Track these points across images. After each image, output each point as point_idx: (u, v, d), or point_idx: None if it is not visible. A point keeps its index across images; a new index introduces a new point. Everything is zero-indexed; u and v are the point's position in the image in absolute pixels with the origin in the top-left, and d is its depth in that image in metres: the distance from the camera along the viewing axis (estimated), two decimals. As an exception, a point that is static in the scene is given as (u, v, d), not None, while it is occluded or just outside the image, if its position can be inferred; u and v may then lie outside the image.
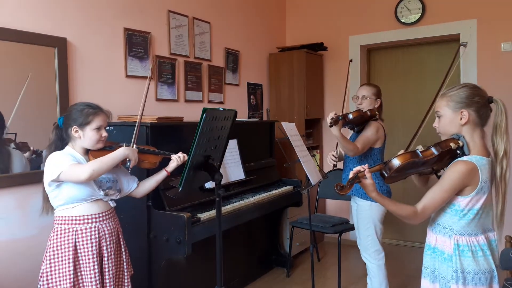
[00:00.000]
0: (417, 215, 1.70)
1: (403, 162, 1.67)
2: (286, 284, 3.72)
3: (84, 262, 2.01)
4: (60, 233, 2.01)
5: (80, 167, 1.95)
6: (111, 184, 2.13)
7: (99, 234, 2.05)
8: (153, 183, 2.33)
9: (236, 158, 3.37)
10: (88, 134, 2.05)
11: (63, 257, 1.99)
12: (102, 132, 2.09)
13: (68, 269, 1.98)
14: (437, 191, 1.69)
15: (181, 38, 3.59)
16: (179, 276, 2.97)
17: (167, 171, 2.32)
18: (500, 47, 3.96)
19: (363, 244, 2.99)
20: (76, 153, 2.07)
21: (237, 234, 3.52)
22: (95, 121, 2.05)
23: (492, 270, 1.69)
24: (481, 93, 1.74)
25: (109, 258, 2.08)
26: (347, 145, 2.85)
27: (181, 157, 2.31)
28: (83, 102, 2.15)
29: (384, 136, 2.95)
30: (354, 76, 4.73)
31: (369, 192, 1.70)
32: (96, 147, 2.09)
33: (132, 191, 2.30)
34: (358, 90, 3.07)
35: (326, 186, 4.11)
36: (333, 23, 4.82)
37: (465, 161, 1.67)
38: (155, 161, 2.28)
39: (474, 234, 1.71)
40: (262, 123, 4.16)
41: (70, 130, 2.05)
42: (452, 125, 1.75)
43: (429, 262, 1.81)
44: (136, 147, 2.18)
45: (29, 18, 2.52)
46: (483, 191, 1.68)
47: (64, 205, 2.02)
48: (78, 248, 2.01)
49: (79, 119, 2.04)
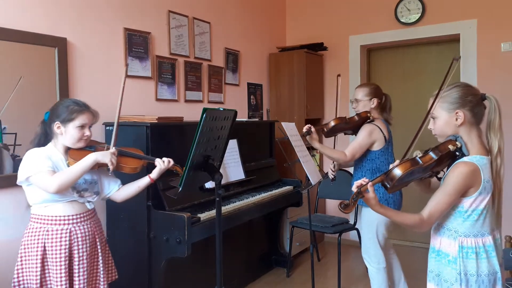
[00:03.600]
0: (424, 223, 1.66)
1: (404, 171, 1.63)
2: (286, 284, 3.72)
3: (52, 264, 1.95)
4: (32, 232, 1.97)
5: (48, 179, 1.88)
6: (87, 186, 2.06)
7: (70, 237, 1.99)
8: (135, 188, 2.21)
9: (236, 158, 3.37)
10: (70, 131, 2.00)
11: (31, 256, 1.95)
12: (85, 131, 2.03)
13: (35, 269, 1.93)
14: (441, 195, 1.66)
15: (181, 38, 3.59)
16: (179, 276, 2.97)
17: (150, 177, 2.19)
18: (500, 47, 3.96)
19: (364, 246, 2.98)
20: (55, 153, 2.02)
21: (237, 234, 3.52)
22: (79, 119, 2.00)
23: (496, 272, 1.68)
24: (473, 92, 1.72)
25: (80, 262, 2.01)
26: (331, 154, 2.88)
27: (165, 161, 2.19)
28: (71, 99, 2.10)
29: (383, 137, 2.88)
30: (354, 76, 4.74)
31: (372, 206, 1.65)
32: (76, 146, 2.03)
33: (112, 194, 2.21)
34: (354, 94, 3.07)
35: (326, 186, 4.11)
36: (333, 23, 4.82)
37: (466, 163, 1.65)
38: (136, 165, 2.15)
39: (480, 235, 1.68)
40: (262, 123, 4.16)
41: (53, 125, 2.01)
42: (448, 127, 1.73)
43: (434, 266, 1.78)
44: (116, 149, 2.07)
45: (29, 18, 2.52)
46: (486, 190, 1.66)
47: (37, 203, 1.98)
48: (47, 249, 1.95)
49: (62, 115, 1.99)
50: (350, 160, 2.88)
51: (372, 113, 2.94)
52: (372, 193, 1.62)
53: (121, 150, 2.16)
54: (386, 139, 2.90)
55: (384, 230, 2.89)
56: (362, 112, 2.93)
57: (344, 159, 2.84)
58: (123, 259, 2.85)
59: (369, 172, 2.89)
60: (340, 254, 3.55)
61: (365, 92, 2.97)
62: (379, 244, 2.89)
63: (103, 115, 2.35)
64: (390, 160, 2.89)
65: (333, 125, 2.91)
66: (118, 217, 2.84)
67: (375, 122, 2.92)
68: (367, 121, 2.93)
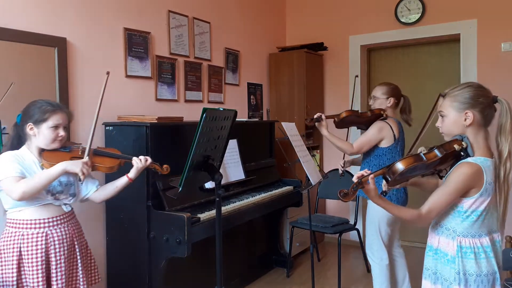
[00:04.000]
0: (422, 218, 1.67)
1: (407, 166, 1.64)
2: (286, 284, 3.72)
3: (28, 268, 1.91)
4: (7, 237, 1.93)
5: (13, 185, 1.82)
6: (62, 188, 2.01)
7: (47, 240, 1.94)
8: (113, 189, 2.15)
9: (236, 158, 3.37)
10: (43, 132, 1.95)
11: (7, 262, 1.91)
12: (60, 131, 1.98)
13: (12, 274, 1.89)
14: (442, 193, 1.67)
15: (181, 38, 3.59)
16: (179, 276, 2.97)
17: (128, 177, 2.13)
18: (500, 47, 3.96)
19: (368, 242, 3.01)
20: (28, 156, 1.97)
21: (237, 234, 3.52)
22: (52, 119, 1.95)
23: (495, 272, 1.68)
24: (486, 93, 1.71)
25: (57, 265, 1.96)
26: (338, 143, 2.93)
27: (142, 160, 2.13)
28: (43, 99, 2.03)
29: (393, 136, 2.90)
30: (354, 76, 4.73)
31: (372, 198, 1.68)
32: (51, 147, 1.98)
33: (90, 195, 2.16)
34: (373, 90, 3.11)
35: (326, 186, 4.11)
36: (333, 23, 4.82)
37: (471, 163, 1.65)
38: (112, 165, 2.10)
39: (478, 236, 1.69)
40: (262, 123, 4.16)
41: (25, 127, 1.95)
42: (456, 126, 1.72)
43: (431, 263, 1.79)
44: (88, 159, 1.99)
45: (29, 18, 2.52)
46: (488, 193, 1.66)
47: (11, 208, 1.94)
48: (23, 253, 1.91)
49: (35, 116, 1.94)
50: (356, 153, 2.93)
51: (387, 111, 2.98)
52: (373, 185, 1.64)
53: (96, 149, 2.13)
54: (396, 138, 2.92)
55: (386, 227, 2.90)
56: (376, 109, 2.98)
57: (351, 151, 2.90)
58: (123, 259, 2.85)
59: (375, 167, 2.91)
60: (340, 254, 3.55)
61: (383, 90, 3.01)
62: (382, 241, 2.91)
63: (103, 115, 2.34)
64: (397, 159, 2.90)
65: (344, 116, 2.97)
66: (118, 217, 2.84)
67: (387, 120, 2.95)
68: (379, 118, 2.95)
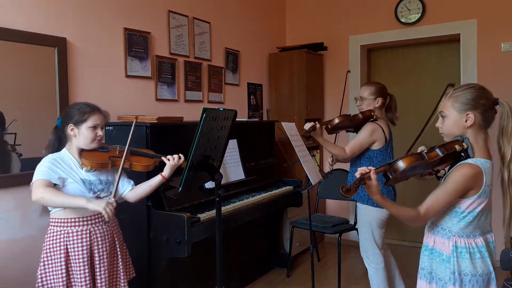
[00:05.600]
0: (420, 218, 1.67)
1: (409, 164, 1.65)
2: (286, 284, 3.72)
3: (75, 265, 2.00)
4: (53, 236, 2.01)
5: (39, 188, 1.91)
6: (103, 186, 2.11)
7: (90, 237, 2.04)
8: (147, 188, 2.23)
9: (236, 158, 3.37)
10: (83, 133, 2.04)
11: (55, 260, 1.99)
12: (98, 131, 2.07)
13: (60, 272, 1.97)
14: (441, 193, 1.67)
15: (181, 38, 3.59)
16: (179, 276, 2.97)
17: (162, 175, 2.21)
18: (500, 47, 3.96)
19: (362, 246, 3.00)
20: (68, 157, 2.06)
21: (237, 234, 3.52)
22: (91, 119, 2.05)
23: (490, 272, 1.68)
24: (487, 95, 1.71)
25: (101, 261, 2.06)
26: (332, 149, 2.93)
27: (176, 158, 2.21)
28: (81, 102, 2.14)
29: (384, 137, 2.90)
30: (354, 76, 4.73)
31: (372, 194, 1.66)
32: (90, 147, 2.07)
33: (126, 194, 2.23)
34: (359, 91, 3.08)
35: (326, 186, 4.11)
36: (333, 23, 4.82)
37: (471, 164, 1.65)
38: (148, 163, 2.19)
39: (472, 236, 1.70)
40: (262, 123, 4.16)
41: (66, 128, 2.06)
42: (456, 127, 1.72)
43: (426, 263, 1.80)
44: (115, 200, 2.01)
45: (29, 18, 2.52)
46: (486, 194, 1.67)
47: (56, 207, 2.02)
48: (70, 250, 2.00)
49: (75, 117, 2.04)
50: (349, 157, 2.92)
51: (375, 112, 2.95)
52: (375, 181, 1.63)
53: (132, 149, 2.21)
54: (387, 140, 2.92)
55: (379, 230, 2.91)
56: (366, 111, 2.95)
57: (344, 156, 2.89)
58: (123, 259, 2.85)
59: None
60: (340, 254, 3.55)
61: (371, 90, 2.98)
62: (376, 244, 2.92)
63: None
64: (387, 161, 2.90)
65: (337, 122, 2.97)
66: (118, 217, 2.82)
67: (378, 121, 2.93)
68: (369, 120, 2.94)
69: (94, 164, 2.04)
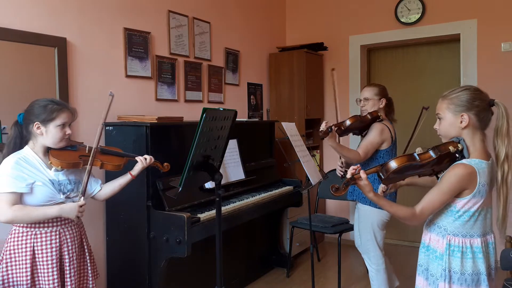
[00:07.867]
0: (415, 217, 1.72)
1: (400, 164, 1.70)
2: (286, 284, 3.72)
3: (43, 267, 1.93)
4: (18, 236, 1.93)
5: (7, 207, 1.83)
6: (72, 186, 2.03)
7: (60, 238, 1.97)
8: (117, 186, 2.22)
9: (236, 158, 3.37)
10: (51, 131, 1.94)
11: (19, 261, 1.91)
12: (67, 129, 1.98)
13: (25, 273, 1.90)
14: (435, 193, 1.71)
15: (181, 38, 3.59)
16: (179, 276, 2.97)
17: (131, 174, 2.20)
18: (500, 47, 3.96)
19: (363, 247, 3.00)
20: (32, 156, 1.95)
21: (237, 234, 3.52)
22: (60, 118, 1.94)
23: (480, 273, 1.70)
24: (482, 97, 1.74)
25: (70, 262, 2.00)
26: (347, 154, 2.82)
27: (147, 159, 2.21)
28: (46, 98, 2.01)
29: (391, 137, 2.90)
30: (354, 76, 4.74)
31: (366, 193, 1.72)
32: (58, 146, 1.98)
33: (95, 194, 2.20)
34: (361, 92, 3.07)
35: (326, 186, 4.11)
36: (333, 23, 4.82)
37: (464, 165, 1.68)
38: (120, 163, 2.17)
39: (469, 236, 1.72)
40: (262, 123, 4.16)
41: (31, 126, 1.94)
42: (452, 128, 1.76)
43: (423, 260, 1.84)
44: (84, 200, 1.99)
45: (29, 18, 2.52)
46: (481, 194, 1.69)
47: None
48: (36, 252, 1.92)
49: (42, 115, 1.92)
50: (363, 159, 2.82)
51: (380, 112, 2.95)
52: (365, 180, 1.70)
53: (103, 148, 2.18)
54: (393, 139, 2.92)
55: (380, 231, 2.91)
56: (373, 112, 2.93)
57: (358, 159, 2.79)
58: (123, 259, 2.85)
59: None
60: (340, 254, 3.55)
61: (375, 91, 2.97)
62: (378, 245, 2.92)
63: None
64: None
65: (349, 123, 2.86)
66: (118, 217, 2.84)
67: (384, 122, 2.93)
68: (376, 120, 2.93)
69: (65, 164, 1.95)
